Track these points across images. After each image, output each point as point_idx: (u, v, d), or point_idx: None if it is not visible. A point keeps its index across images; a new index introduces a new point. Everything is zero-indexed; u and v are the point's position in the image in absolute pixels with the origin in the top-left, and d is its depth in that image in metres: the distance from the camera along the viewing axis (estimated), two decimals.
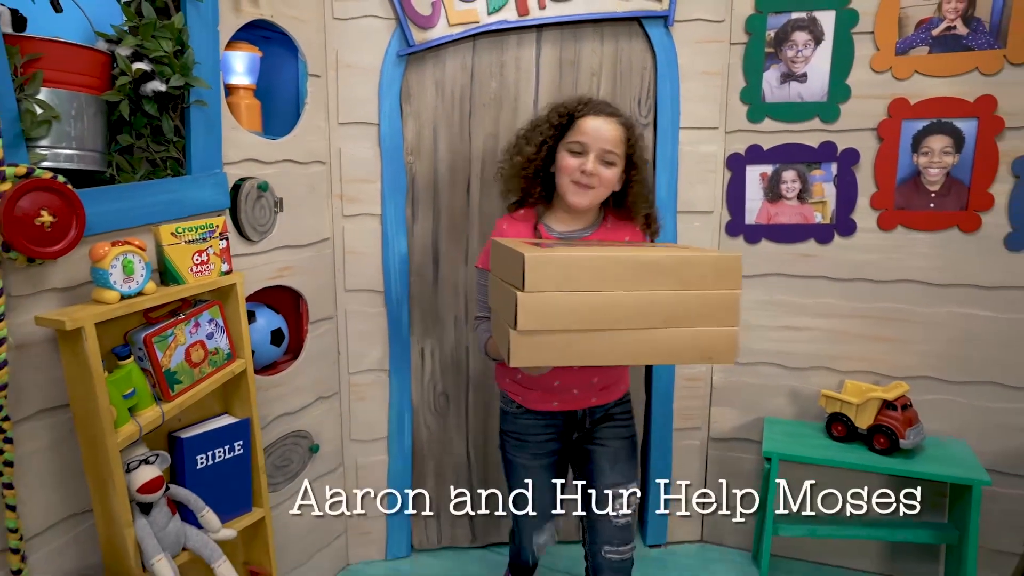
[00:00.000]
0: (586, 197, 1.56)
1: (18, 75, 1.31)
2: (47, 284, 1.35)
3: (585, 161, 1.53)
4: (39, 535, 1.38)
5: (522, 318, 1.14)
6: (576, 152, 1.56)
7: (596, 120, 1.55)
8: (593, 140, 1.53)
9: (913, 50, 2.04)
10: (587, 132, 1.54)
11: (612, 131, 1.55)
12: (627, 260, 1.19)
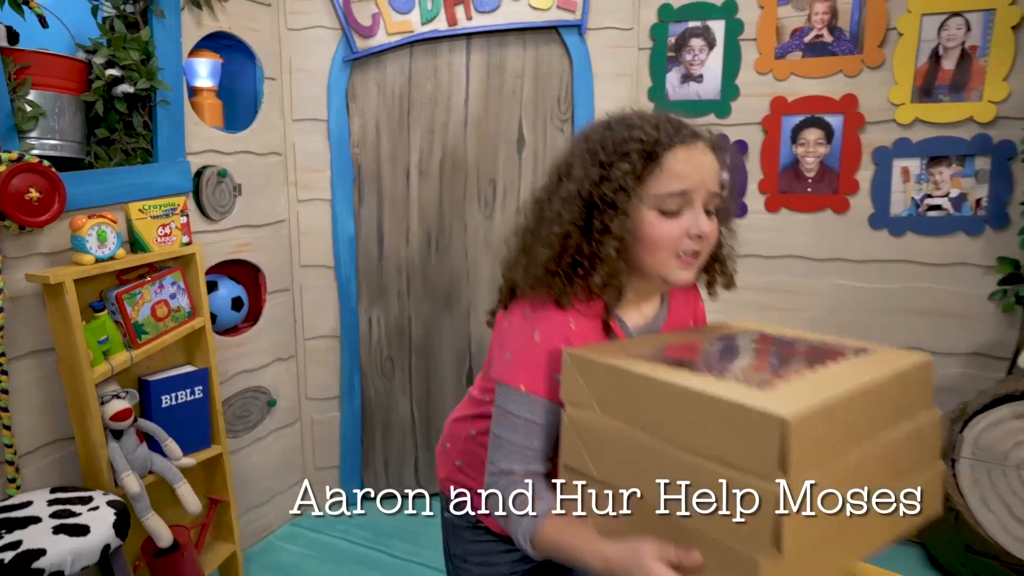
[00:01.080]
0: (691, 273, 0.98)
1: (11, 80, 1.63)
2: (36, 249, 1.67)
3: (694, 219, 0.93)
4: (30, 454, 1.70)
5: (792, 535, 0.65)
6: (671, 211, 0.93)
7: (689, 151, 0.93)
8: (697, 183, 0.93)
9: (789, 55, 2.34)
10: (683, 173, 0.92)
11: (711, 160, 0.95)
12: (882, 386, 0.77)
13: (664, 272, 0.96)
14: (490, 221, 2.58)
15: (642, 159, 0.91)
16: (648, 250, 0.95)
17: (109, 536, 1.52)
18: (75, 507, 1.57)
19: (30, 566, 1.38)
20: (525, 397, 0.95)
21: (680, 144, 0.92)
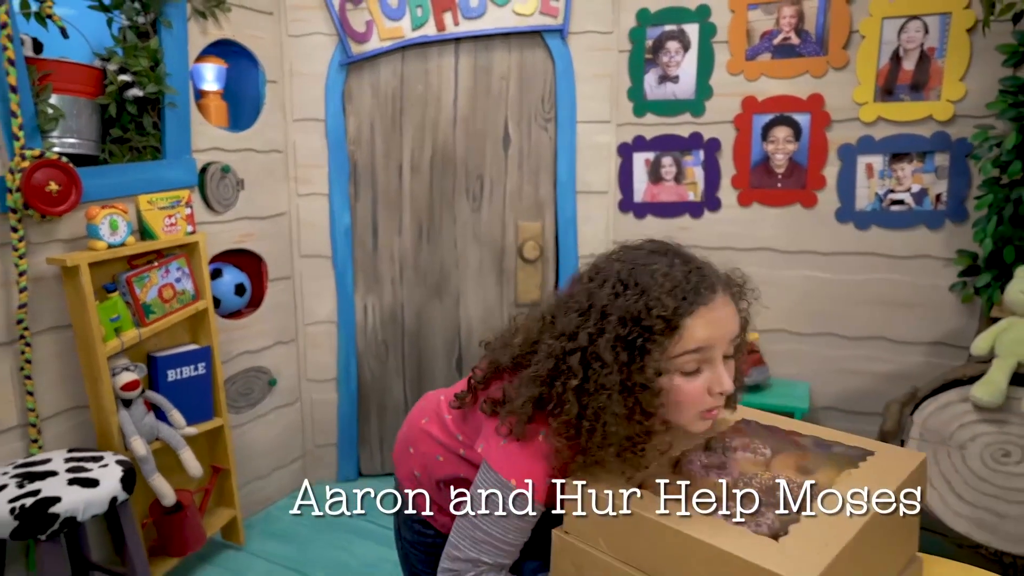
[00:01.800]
0: (714, 420, 0.98)
1: (35, 85, 1.83)
2: (55, 235, 1.87)
3: (716, 376, 0.92)
4: (50, 418, 1.90)
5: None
6: (691, 371, 0.92)
7: (710, 312, 0.91)
8: (718, 343, 0.92)
9: (759, 56, 2.46)
10: (704, 336, 0.90)
11: (730, 314, 0.95)
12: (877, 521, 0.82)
13: (686, 426, 0.96)
14: (477, 214, 2.75)
15: (666, 336, 0.88)
16: (673, 411, 0.93)
17: (116, 490, 1.71)
18: (88, 464, 1.76)
19: (47, 511, 1.58)
20: (523, 497, 0.92)
21: (701, 307, 0.89)
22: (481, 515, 0.94)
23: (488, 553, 0.94)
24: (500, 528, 0.93)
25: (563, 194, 2.72)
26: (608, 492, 0.86)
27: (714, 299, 0.92)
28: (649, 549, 0.81)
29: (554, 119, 2.68)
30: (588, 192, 2.73)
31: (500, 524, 0.93)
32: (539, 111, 2.68)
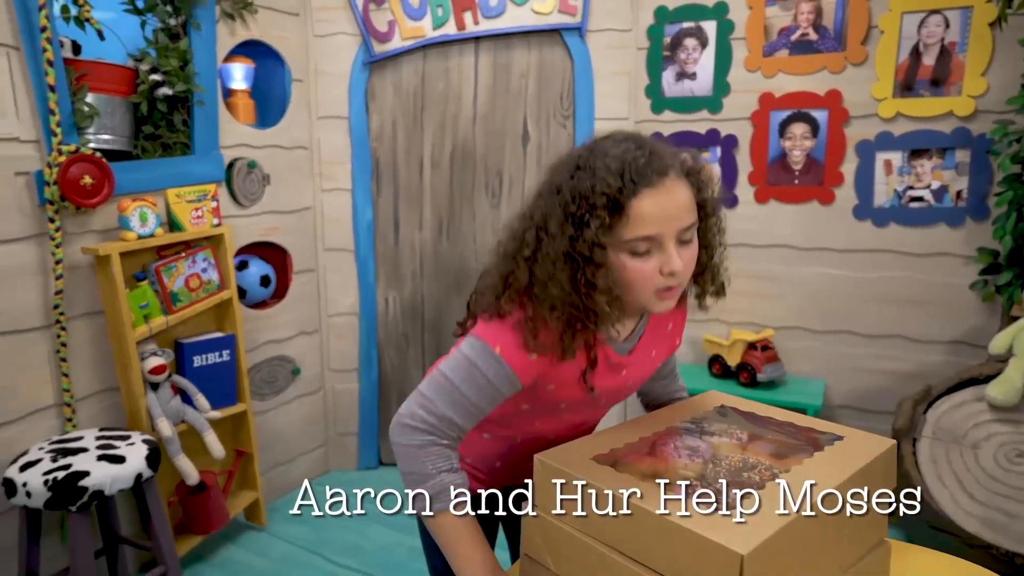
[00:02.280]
0: (672, 301, 0.98)
1: (72, 85, 1.94)
2: (89, 226, 1.98)
3: (666, 258, 0.93)
4: (83, 399, 2.02)
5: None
6: (642, 252, 0.94)
7: (656, 193, 0.91)
8: (665, 225, 0.92)
9: (777, 52, 2.46)
10: (650, 218, 0.91)
11: (680, 195, 0.93)
12: (833, 499, 0.84)
13: (646, 305, 0.98)
14: (497, 210, 2.80)
15: (608, 212, 0.90)
16: (627, 290, 0.96)
17: (142, 467, 1.81)
18: (116, 442, 1.87)
19: (77, 484, 1.69)
20: (498, 361, 0.96)
21: (645, 188, 0.90)
22: (461, 378, 0.97)
23: (459, 414, 0.97)
24: (474, 389, 0.96)
25: None
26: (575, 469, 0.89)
27: (662, 182, 0.91)
28: (610, 523, 0.84)
29: (572, 116, 2.72)
30: None
31: (476, 387, 0.96)
32: (558, 108, 2.72)
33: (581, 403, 1.10)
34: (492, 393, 0.97)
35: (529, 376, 0.99)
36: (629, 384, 1.15)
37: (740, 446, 1.03)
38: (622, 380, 1.12)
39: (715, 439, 1.05)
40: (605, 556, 0.84)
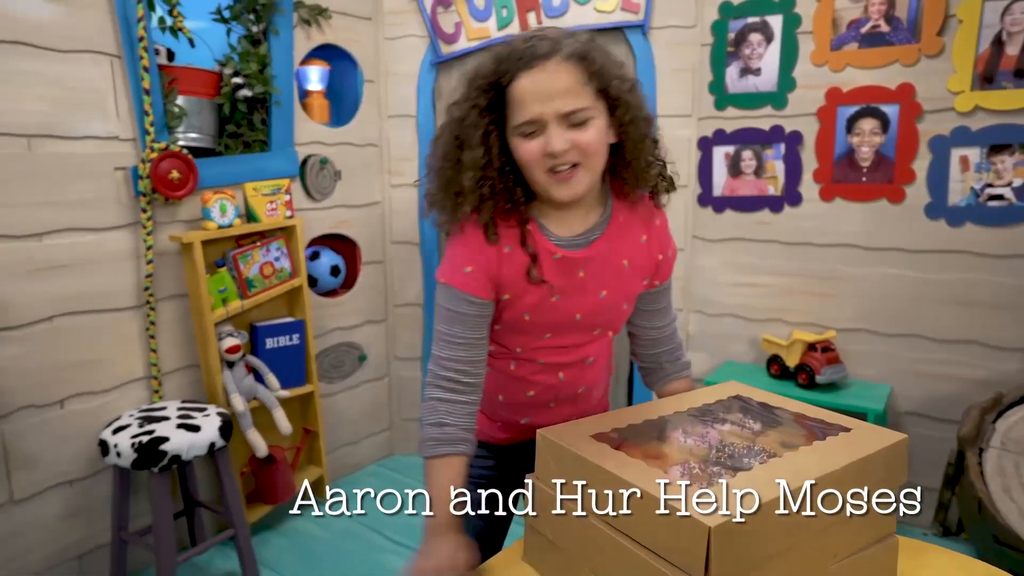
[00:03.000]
0: (574, 186, 1.01)
1: (165, 88, 2.14)
2: (176, 216, 2.18)
3: (546, 139, 0.97)
4: (169, 373, 2.22)
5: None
6: (528, 133, 0.98)
7: (531, 77, 0.96)
8: (542, 106, 0.96)
9: (845, 46, 2.39)
10: (527, 100, 0.96)
11: (561, 79, 0.96)
12: (821, 485, 0.84)
13: (546, 190, 1.02)
14: None
15: (487, 96, 0.99)
16: (525, 171, 1.02)
17: (215, 436, 1.98)
18: (194, 414, 2.05)
19: (158, 448, 1.87)
20: (448, 289, 1.06)
21: (524, 71, 0.96)
22: (439, 319, 1.09)
23: (456, 349, 1.06)
24: (450, 324, 1.06)
25: None
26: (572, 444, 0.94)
27: (542, 64, 0.96)
28: (599, 495, 0.87)
29: None
30: None
31: (449, 319, 1.07)
32: None
33: (546, 311, 1.11)
34: (461, 318, 1.06)
35: (477, 287, 1.05)
36: (603, 294, 1.13)
37: (751, 435, 1.04)
38: (582, 283, 1.10)
39: (726, 427, 1.07)
40: (591, 526, 0.89)
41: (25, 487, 1.93)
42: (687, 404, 1.14)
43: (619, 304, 1.16)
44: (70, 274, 1.96)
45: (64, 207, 1.93)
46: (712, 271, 2.75)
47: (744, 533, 0.76)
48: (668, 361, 1.28)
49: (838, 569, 0.92)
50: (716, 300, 2.75)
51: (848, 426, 1.01)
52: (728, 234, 2.71)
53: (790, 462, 0.90)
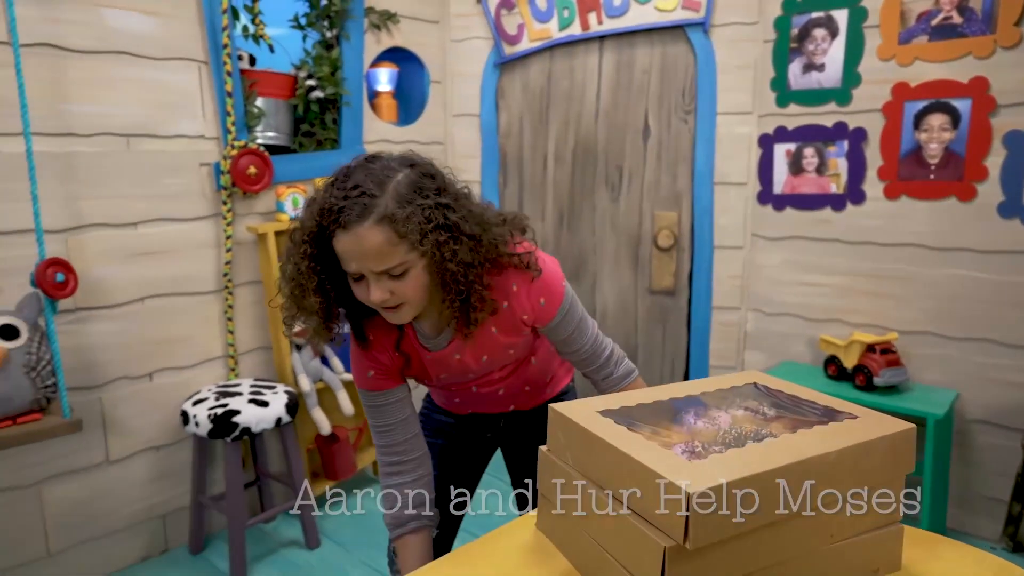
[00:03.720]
0: (401, 317, 1.09)
1: (246, 91, 2.33)
2: (253, 209, 2.37)
3: (368, 290, 1.04)
4: (244, 353, 2.41)
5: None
6: (356, 279, 1.06)
7: (344, 238, 1.01)
8: (358, 264, 1.03)
9: (914, 39, 2.32)
10: (346, 257, 1.03)
11: (371, 243, 1.00)
12: (811, 465, 0.87)
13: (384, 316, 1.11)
14: (616, 204, 2.89)
15: (314, 248, 1.06)
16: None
17: (282, 412, 2.14)
18: (264, 391, 2.22)
19: (231, 420, 2.05)
20: (361, 392, 1.24)
21: (340, 231, 1.01)
22: (366, 413, 1.26)
23: (378, 438, 1.25)
24: (372, 417, 1.24)
25: (700, 185, 2.76)
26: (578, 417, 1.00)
27: (355, 229, 1.00)
28: (597, 463, 0.94)
29: (694, 111, 2.74)
30: (726, 183, 2.74)
31: (370, 413, 1.25)
32: (679, 103, 2.75)
33: (452, 372, 1.26)
34: (382, 409, 1.23)
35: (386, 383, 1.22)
36: (484, 358, 1.24)
37: (763, 420, 1.07)
38: (461, 361, 1.24)
39: (740, 412, 1.10)
40: (586, 489, 0.95)
41: (118, 450, 2.15)
42: (706, 388, 1.18)
43: (505, 352, 1.25)
44: (160, 260, 2.17)
45: (156, 199, 2.14)
46: (771, 270, 2.72)
47: (724, 501, 0.79)
48: (601, 378, 1.32)
49: (834, 550, 0.94)
50: (775, 299, 2.72)
51: (857, 414, 1.02)
52: (788, 232, 2.67)
53: (785, 442, 0.93)
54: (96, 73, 1.98)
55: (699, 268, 2.80)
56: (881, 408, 1.17)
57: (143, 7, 2.05)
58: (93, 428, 2.07)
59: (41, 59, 1.88)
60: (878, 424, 0.99)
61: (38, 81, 1.87)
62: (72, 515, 2.07)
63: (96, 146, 2.01)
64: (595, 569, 0.96)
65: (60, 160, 1.94)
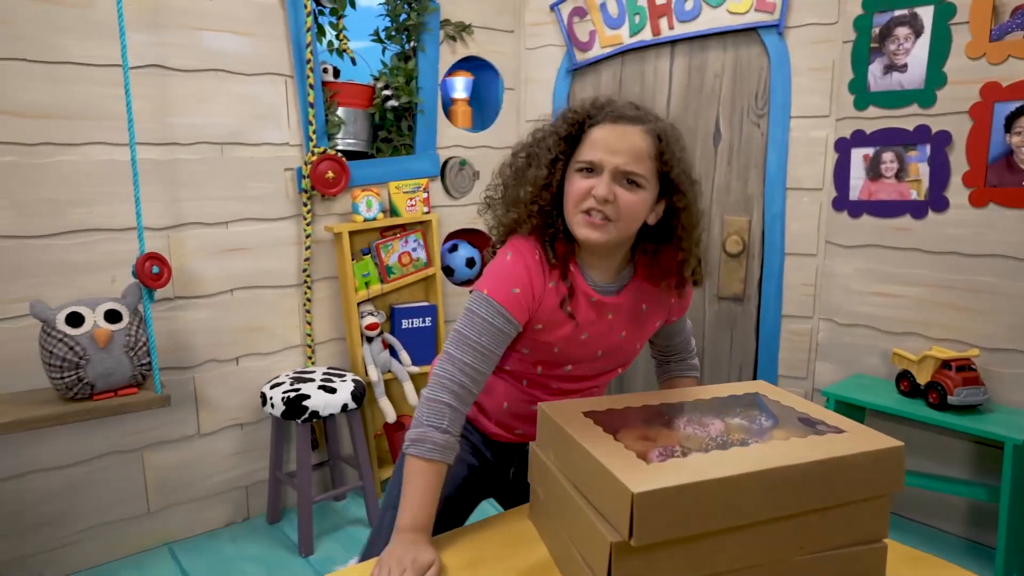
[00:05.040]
0: (600, 232, 1.10)
1: (328, 102, 2.53)
2: (331, 210, 2.56)
3: (597, 182, 1.08)
4: (320, 343, 2.62)
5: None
6: (586, 172, 1.10)
7: (610, 128, 1.08)
8: (606, 155, 1.07)
9: (1008, 35, 2.16)
10: (598, 145, 1.08)
11: (633, 142, 1.07)
12: (774, 476, 0.88)
13: (572, 226, 1.12)
14: None
15: (568, 130, 1.13)
16: (565, 205, 1.13)
17: (348, 399, 2.32)
18: (335, 379, 2.41)
19: (301, 403, 2.24)
20: (488, 301, 1.11)
21: (608, 122, 1.10)
22: (464, 323, 1.13)
23: (471, 355, 1.11)
24: (477, 331, 1.11)
25: (772, 190, 2.70)
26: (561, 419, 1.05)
27: (623, 124, 1.09)
28: (570, 460, 0.99)
29: (766, 115, 2.68)
30: (799, 188, 2.67)
31: (476, 327, 1.11)
32: (752, 107, 2.70)
33: (573, 346, 1.20)
34: (492, 331, 1.12)
35: (518, 309, 1.13)
36: (623, 335, 1.24)
37: (757, 430, 1.09)
38: (610, 324, 1.21)
39: (735, 420, 1.12)
40: (565, 491, 1.00)
41: (208, 424, 2.40)
42: (710, 395, 1.20)
43: (634, 344, 1.28)
44: (247, 255, 2.40)
45: (245, 200, 2.38)
46: (846, 279, 2.61)
47: (670, 502, 0.83)
48: (675, 362, 1.42)
49: (806, 561, 0.95)
50: (848, 309, 2.62)
51: (846, 429, 1.02)
52: (864, 240, 2.56)
53: (759, 451, 0.94)
54: (196, 89, 2.23)
55: (769, 275, 2.74)
56: (956, 429, 1.13)
57: (236, 28, 2.28)
58: (186, 404, 2.33)
59: (150, 78, 2.14)
60: (864, 440, 0.98)
61: (148, 98, 2.13)
62: (168, 479, 2.34)
63: (195, 154, 2.26)
64: (563, 559, 1.02)
65: (165, 167, 2.21)
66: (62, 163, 2.04)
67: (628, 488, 0.83)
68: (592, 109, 1.13)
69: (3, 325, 2.01)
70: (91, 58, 2.04)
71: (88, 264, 2.11)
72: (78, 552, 2.19)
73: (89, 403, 1.90)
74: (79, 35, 2.01)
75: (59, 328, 1.85)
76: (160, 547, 2.35)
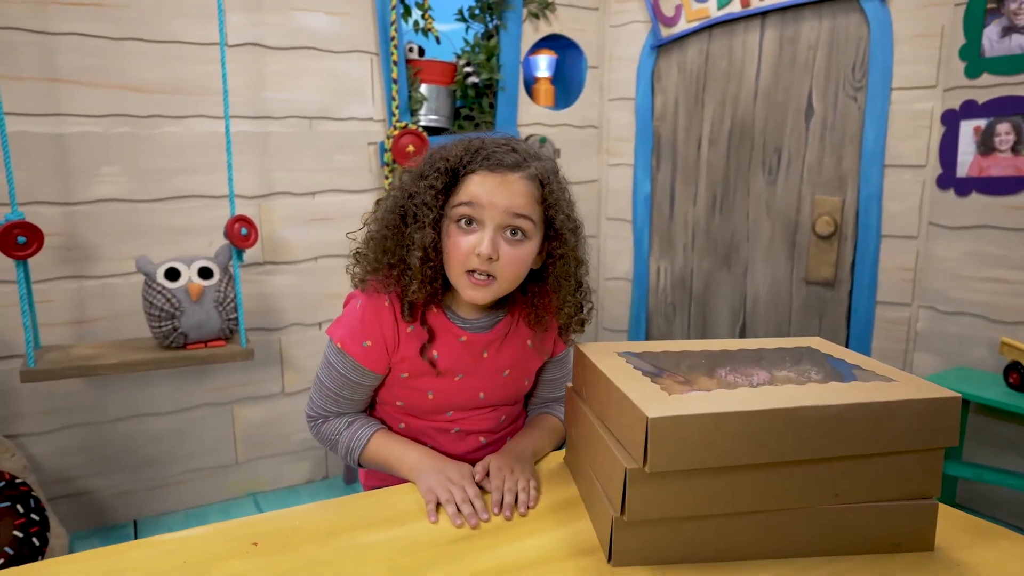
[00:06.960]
0: (486, 292, 1.02)
1: (411, 79, 2.61)
2: None
3: (480, 238, 0.98)
4: None
5: (633, 505, 0.84)
6: (464, 225, 1.00)
7: (488, 177, 0.99)
8: (487, 208, 0.98)
9: None
10: (477, 197, 0.98)
11: (514, 191, 0.99)
12: (803, 415, 0.83)
13: (458, 286, 1.03)
14: (773, 187, 2.75)
15: (444, 179, 1.00)
16: (446, 263, 1.02)
17: None
18: None
19: None
20: (341, 353, 1.08)
21: (485, 169, 0.98)
22: (322, 372, 1.13)
23: (331, 403, 1.13)
24: (333, 381, 1.11)
25: (868, 167, 2.53)
26: (594, 356, 1.04)
27: (504, 173, 0.98)
28: (599, 397, 0.98)
29: (864, 88, 2.52)
30: (899, 165, 2.49)
31: (332, 378, 1.11)
32: (848, 80, 2.55)
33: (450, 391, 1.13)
34: (351, 384, 1.10)
35: (373, 362, 1.08)
36: (506, 373, 1.16)
37: (805, 382, 1.03)
38: (487, 363, 1.13)
39: (783, 373, 1.07)
40: (593, 424, 0.99)
41: (292, 384, 2.54)
42: (757, 346, 1.15)
43: (520, 381, 1.20)
44: (331, 225, 2.52)
45: (331, 172, 2.50)
46: (951, 263, 2.41)
47: (688, 430, 0.80)
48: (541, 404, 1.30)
49: (842, 511, 0.89)
50: (954, 296, 2.41)
51: (896, 378, 0.94)
52: (973, 221, 2.35)
53: (794, 391, 0.89)
54: (288, 66, 2.37)
55: (862, 258, 2.57)
56: None
57: (327, 8, 2.40)
58: (272, 363, 2.48)
59: (247, 55, 2.30)
60: (915, 389, 0.91)
61: (244, 73, 2.29)
62: (255, 434, 2.50)
63: (286, 127, 2.40)
64: (588, 494, 1.01)
65: (258, 139, 2.36)
66: (169, 134, 2.23)
67: (644, 413, 0.81)
68: (466, 155, 1.01)
69: (117, 280, 2.21)
70: (196, 37, 2.21)
71: (189, 227, 2.28)
72: (173, 494, 2.38)
73: (183, 351, 2.06)
74: (187, 16, 2.19)
75: (159, 281, 2.02)
76: (246, 496, 2.51)
